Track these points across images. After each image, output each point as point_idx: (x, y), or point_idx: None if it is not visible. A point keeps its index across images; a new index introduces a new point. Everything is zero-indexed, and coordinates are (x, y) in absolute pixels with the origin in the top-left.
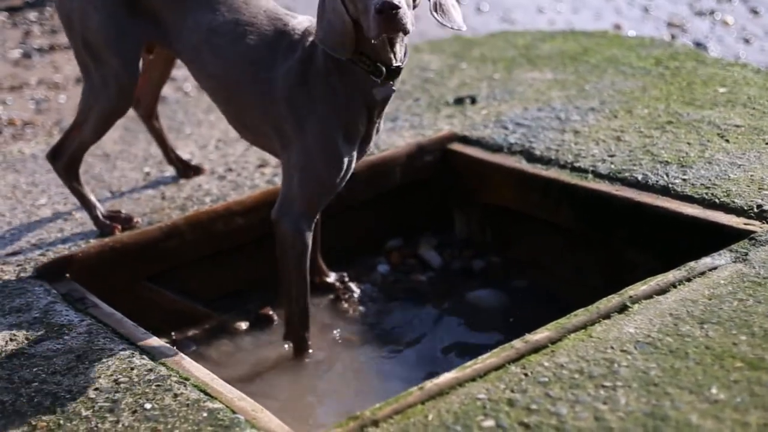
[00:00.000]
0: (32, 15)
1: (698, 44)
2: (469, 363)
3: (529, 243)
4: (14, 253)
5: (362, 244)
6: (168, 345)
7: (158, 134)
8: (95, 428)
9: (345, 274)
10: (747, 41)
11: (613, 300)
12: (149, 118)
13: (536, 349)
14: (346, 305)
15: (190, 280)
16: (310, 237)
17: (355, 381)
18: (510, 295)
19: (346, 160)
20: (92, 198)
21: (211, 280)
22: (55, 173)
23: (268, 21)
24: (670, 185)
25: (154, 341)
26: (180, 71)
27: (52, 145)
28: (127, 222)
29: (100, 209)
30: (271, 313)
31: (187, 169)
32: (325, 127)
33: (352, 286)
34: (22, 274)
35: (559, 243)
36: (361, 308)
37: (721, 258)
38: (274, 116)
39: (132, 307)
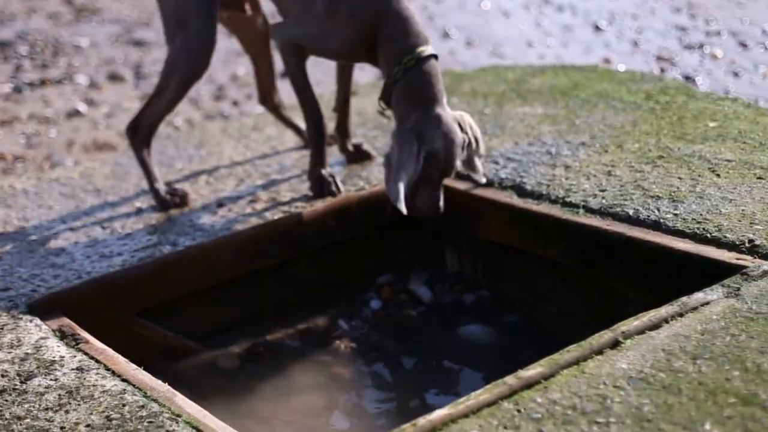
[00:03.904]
0: (23, 49)
1: (687, 78)
2: (461, 399)
3: (520, 278)
4: (6, 289)
5: (354, 280)
6: (160, 381)
7: (283, 119)
8: None
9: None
10: (736, 75)
11: (605, 335)
12: (274, 109)
13: (529, 385)
14: (337, 342)
15: (180, 316)
16: None
17: (346, 418)
18: (501, 330)
19: None
20: (156, 172)
21: (202, 315)
22: (131, 146)
23: None
24: (661, 220)
25: (146, 377)
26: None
27: (131, 120)
28: (183, 198)
29: (162, 185)
30: (261, 349)
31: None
32: None
33: (343, 322)
34: (13, 310)
35: (550, 278)
36: (352, 344)
37: (714, 293)
38: None
39: (123, 343)
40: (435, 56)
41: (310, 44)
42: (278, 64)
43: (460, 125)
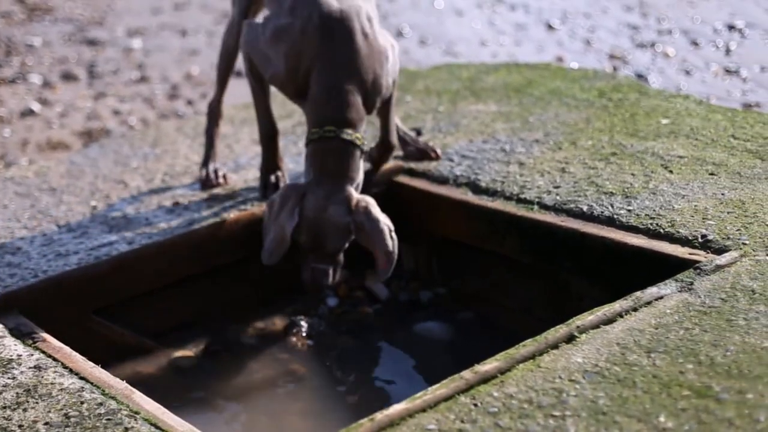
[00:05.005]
0: None
1: (640, 76)
2: (418, 394)
3: (475, 274)
4: None
5: None
6: (118, 379)
7: None
8: None
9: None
10: (688, 73)
11: (560, 330)
12: None
13: (485, 379)
14: (294, 339)
15: (137, 314)
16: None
17: (305, 414)
18: (457, 327)
19: None
20: (216, 150)
21: (159, 314)
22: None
23: None
24: (615, 216)
25: (104, 375)
26: (126, 105)
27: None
28: (224, 179)
29: (216, 165)
30: (218, 347)
31: None
32: None
33: (300, 320)
34: None
35: (505, 274)
36: (309, 342)
37: (667, 288)
38: None
39: (81, 341)
40: (351, 142)
41: (254, 59)
42: None
43: (350, 209)
